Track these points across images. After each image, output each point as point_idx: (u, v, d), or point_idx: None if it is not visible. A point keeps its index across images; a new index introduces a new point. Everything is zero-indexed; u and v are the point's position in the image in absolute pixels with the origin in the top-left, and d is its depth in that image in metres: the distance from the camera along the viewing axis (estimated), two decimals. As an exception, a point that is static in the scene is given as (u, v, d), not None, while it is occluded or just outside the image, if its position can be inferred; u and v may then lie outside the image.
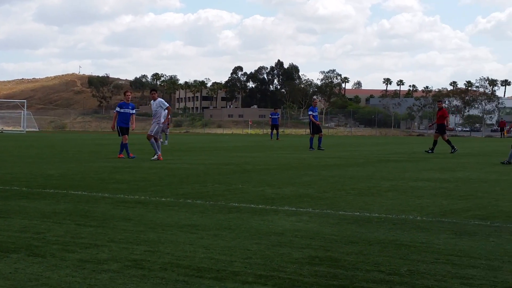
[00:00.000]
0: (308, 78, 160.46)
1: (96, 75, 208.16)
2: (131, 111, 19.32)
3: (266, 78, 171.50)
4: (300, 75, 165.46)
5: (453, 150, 24.75)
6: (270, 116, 43.65)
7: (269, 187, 10.93)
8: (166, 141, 30.68)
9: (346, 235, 6.34)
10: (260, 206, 8.48)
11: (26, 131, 73.47)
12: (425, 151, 25.42)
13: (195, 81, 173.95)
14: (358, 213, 7.87)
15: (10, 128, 74.23)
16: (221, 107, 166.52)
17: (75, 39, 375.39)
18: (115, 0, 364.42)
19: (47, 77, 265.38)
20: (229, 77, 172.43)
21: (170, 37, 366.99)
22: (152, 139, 18.24)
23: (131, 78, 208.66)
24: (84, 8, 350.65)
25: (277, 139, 43.23)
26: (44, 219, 7.10)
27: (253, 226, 6.81)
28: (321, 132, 28.04)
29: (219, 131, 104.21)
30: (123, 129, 19.13)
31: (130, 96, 19.66)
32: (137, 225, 6.78)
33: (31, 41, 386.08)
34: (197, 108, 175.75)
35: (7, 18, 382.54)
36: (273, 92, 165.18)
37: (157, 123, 18.52)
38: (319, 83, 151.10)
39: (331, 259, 5.24)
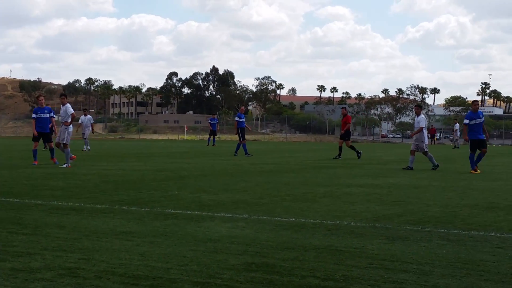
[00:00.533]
0: (243, 84, 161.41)
1: (28, 79, 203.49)
2: (48, 115, 18.83)
3: (202, 84, 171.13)
4: (235, 81, 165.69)
5: (358, 154, 25.19)
6: (209, 121, 43.41)
7: (205, 194, 10.93)
8: (88, 147, 30.06)
9: (282, 241, 6.40)
10: (196, 212, 8.47)
11: None
12: (333, 158, 25.66)
13: (129, 86, 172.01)
14: (293, 219, 7.95)
15: None
16: (157, 113, 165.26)
17: (5, 42, 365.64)
18: (46, 3, 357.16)
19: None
20: (164, 83, 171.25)
21: (104, 41, 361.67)
22: (68, 148, 17.84)
23: (64, 82, 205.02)
24: (14, 11, 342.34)
25: (213, 145, 43.20)
26: (-26, 227, 6.91)
27: (189, 233, 6.80)
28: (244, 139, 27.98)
29: (155, 137, 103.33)
30: (42, 135, 18.69)
31: (43, 101, 18.98)
32: (71, 233, 6.68)
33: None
34: (132, 113, 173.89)
35: None
36: (208, 98, 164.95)
37: (65, 128, 18.14)
38: (254, 89, 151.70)
39: (267, 265, 5.28)
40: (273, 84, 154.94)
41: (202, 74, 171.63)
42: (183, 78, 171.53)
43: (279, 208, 9.15)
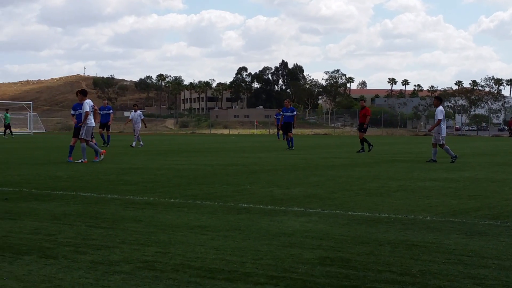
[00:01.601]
0: (313, 78, 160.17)
1: (101, 76, 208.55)
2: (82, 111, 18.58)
3: (271, 79, 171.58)
4: (305, 75, 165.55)
5: (369, 147, 24.98)
6: (275, 116, 43.01)
7: (277, 188, 10.94)
8: (138, 143, 29.99)
9: (356, 236, 6.34)
10: (269, 206, 8.49)
11: (33, 132, 73.63)
12: (357, 151, 25.12)
13: (200, 82, 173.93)
14: (367, 214, 7.87)
15: (16, 130, 74.35)
16: (227, 108, 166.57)
17: (79, 40, 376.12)
18: (118, 1, 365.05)
19: (52, 78, 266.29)
20: (234, 78, 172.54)
21: (174, 38, 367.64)
22: (84, 144, 17.72)
23: (135, 79, 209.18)
24: (87, 9, 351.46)
25: (283, 139, 43.15)
26: (54, 221, 7.13)
27: (263, 227, 6.82)
28: (290, 132, 27.80)
29: (225, 131, 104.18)
30: (76, 129, 18.44)
31: (81, 97, 18.71)
32: (148, 227, 6.80)
33: (35, 42, 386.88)
34: (202, 109, 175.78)
35: (11, 19, 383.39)
36: (278, 92, 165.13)
37: (85, 124, 17.83)
38: (324, 83, 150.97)
39: (342, 260, 5.24)
40: (343, 77, 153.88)
41: (271, 68, 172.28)
42: (253, 73, 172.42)
43: (352, 202, 9.08)
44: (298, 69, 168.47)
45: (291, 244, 5.91)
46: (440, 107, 19.20)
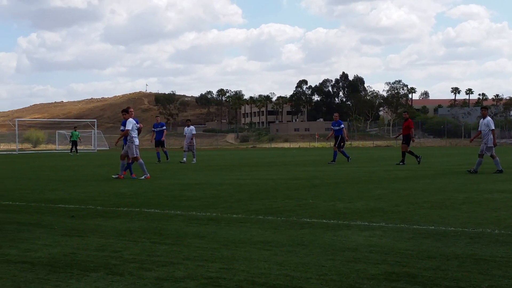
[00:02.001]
0: (373, 90, 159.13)
1: (163, 92, 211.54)
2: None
3: (331, 91, 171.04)
4: (366, 86, 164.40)
5: (418, 159, 25.34)
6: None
7: (339, 202, 10.85)
8: (191, 159, 30.11)
9: (422, 250, 6.22)
10: (332, 221, 8.42)
11: (97, 150, 75.20)
12: (397, 163, 25.16)
13: (260, 95, 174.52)
14: (433, 227, 7.71)
15: (81, 147, 76.07)
16: (287, 121, 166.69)
17: (141, 58, 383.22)
18: (179, 18, 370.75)
19: (115, 96, 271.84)
20: (294, 91, 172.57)
21: (234, 52, 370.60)
22: (140, 160, 18.03)
23: (196, 94, 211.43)
24: (149, 27, 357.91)
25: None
26: (120, 238, 7.23)
27: (327, 242, 6.76)
28: (336, 146, 27.42)
29: (286, 145, 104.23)
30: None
31: (132, 112, 19.03)
32: (211, 242, 6.82)
33: (99, 61, 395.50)
34: (262, 122, 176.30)
35: (76, 39, 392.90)
36: (338, 104, 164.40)
37: (131, 142, 18.12)
38: (385, 94, 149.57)
39: (409, 275, 5.14)
40: (405, 88, 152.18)
41: (331, 80, 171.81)
42: (313, 86, 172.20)
43: (416, 215, 8.92)
44: (359, 81, 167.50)
45: (355, 259, 5.83)
46: (488, 118, 18.97)
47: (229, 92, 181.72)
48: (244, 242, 6.83)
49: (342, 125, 27.42)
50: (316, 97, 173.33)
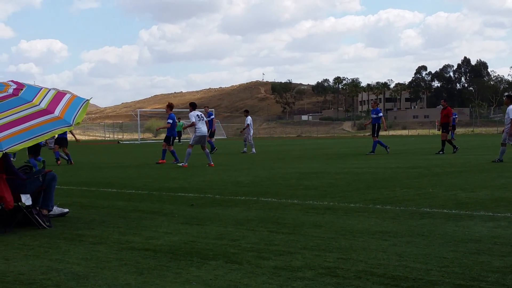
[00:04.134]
0: (498, 75, 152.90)
1: (279, 81, 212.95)
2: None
3: (453, 77, 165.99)
4: (489, 71, 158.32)
5: (454, 149, 24.68)
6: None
7: (461, 191, 10.50)
8: (245, 149, 29.79)
9: (552, 243, 5.90)
10: (453, 211, 8.16)
11: (215, 138, 76.69)
12: (436, 153, 24.46)
13: (377, 83, 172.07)
14: None
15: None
16: (405, 108, 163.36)
17: (257, 47, 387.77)
18: (295, 7, 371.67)
19: (232, 85, 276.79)
20: (413, 77, 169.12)
21: (351, 39, 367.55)
22: (190, 149, 19.41)
23: (312, 83, 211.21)
24: (266, 17, 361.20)
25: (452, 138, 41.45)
26: (238, 226, 7.32)
27: (448, 233, 6.55)
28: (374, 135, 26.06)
29: (404, 132, 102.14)
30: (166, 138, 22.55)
31: (167, 108, 22.21)
32: (328, 232, 6.78)
33: (217, 51, 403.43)
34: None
35: (194, 30, 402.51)
36: (460, 90, 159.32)
37: (194, 132, 19.55)
38: (510, 79, 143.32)
39: (537, 269, 4.89)
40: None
41: (453, 66, 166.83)
42: (433, 72, 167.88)
43: (545, 205, 8.48)
44: (482, 66, 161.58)
45: (478, 251, 5.61)
46: (511, 106, 17.68)
47: (346, 79, 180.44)
48: (362, 232, 6.75)
49: (381, 113, 26.42)
50: (436, 83, 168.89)
